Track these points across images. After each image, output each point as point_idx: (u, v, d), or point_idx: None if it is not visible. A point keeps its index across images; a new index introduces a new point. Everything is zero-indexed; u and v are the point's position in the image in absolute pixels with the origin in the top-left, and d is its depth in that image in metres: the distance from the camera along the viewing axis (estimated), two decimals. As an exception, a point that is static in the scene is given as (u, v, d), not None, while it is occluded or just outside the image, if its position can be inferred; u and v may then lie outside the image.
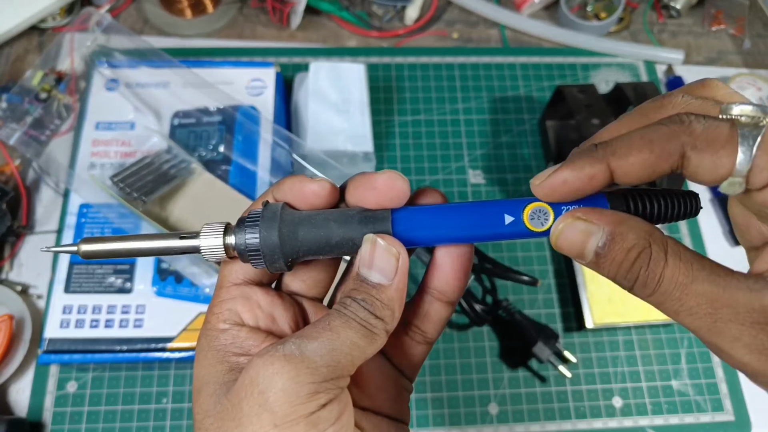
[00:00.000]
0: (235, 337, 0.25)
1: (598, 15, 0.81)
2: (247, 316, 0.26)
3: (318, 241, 0.24)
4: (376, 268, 0.24)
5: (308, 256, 0.25)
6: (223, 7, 0.80)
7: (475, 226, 0.25)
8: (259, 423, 0.21)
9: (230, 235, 0.24)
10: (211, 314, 0.26)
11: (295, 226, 0.24)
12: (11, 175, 0.65)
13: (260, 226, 0.24)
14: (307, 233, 0.24)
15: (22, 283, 0.62)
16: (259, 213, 0.24)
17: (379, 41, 0.79)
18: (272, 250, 0.24)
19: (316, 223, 0.24)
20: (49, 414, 0.56)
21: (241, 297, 0.26)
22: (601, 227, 0.23)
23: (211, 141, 0.62)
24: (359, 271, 0.24)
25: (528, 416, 0.59)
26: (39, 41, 0.76)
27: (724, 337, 0.21)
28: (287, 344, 0.22)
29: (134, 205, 0.57)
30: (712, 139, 0.22)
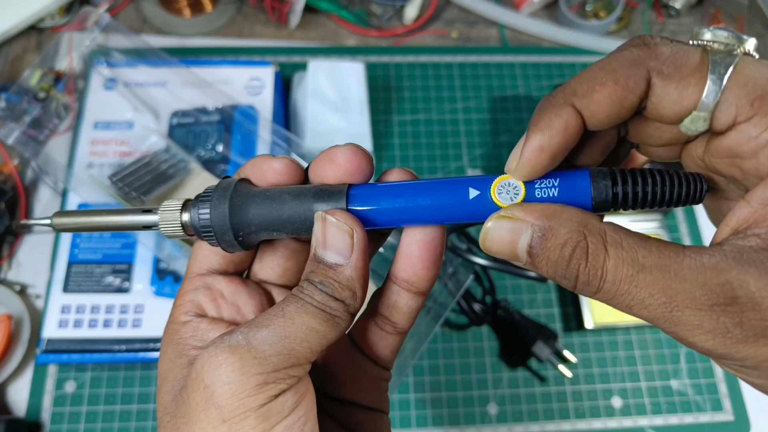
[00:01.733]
0: (196, 329, 0.24)
1: (598, 14, 0.81)
2: (209, 307, 0.25)
3: (269, 215, 0.23)
4: (330, 248, 0.22)
5: (261, 232, 0.23)
6: (221, 6, 0.80)
7: (436, 202, 0.22)
8: (207, 419, 0.20)
9: (186, 211, 0.23)
10: (174, 307, 0.25)
11: (246, 199, 0.23)
12: (10, 175, 0.65)
13: (212, 199, 0.23)
14: (258, 206, 0.23)
15: (21, 283, 0.62)
16: (211, 187, 0.24)
17: (378, 40, 0.79)
18: (222, 224, 0.23)
19: (269, 196, 0.23)
20: (47, 414, 0.56)
21: (203, 287, 0.25)
22: (529, 224, 0.20)
23: (210, 140, 0.62)
24: (315, 252, 0.22)
25: (527, 416, 0.59)
26: (38, 41, 0.76)
27: (683, 325, 0.19)
28: (234, 334, 0.21)
29: (133, 204, 0.57)
30: (680, 64, 0.20)
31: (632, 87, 0.20)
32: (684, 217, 0.69)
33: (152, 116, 0.64)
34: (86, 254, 0.58)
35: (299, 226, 0.23)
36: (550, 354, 0.58)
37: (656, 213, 0.64)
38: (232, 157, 0.62)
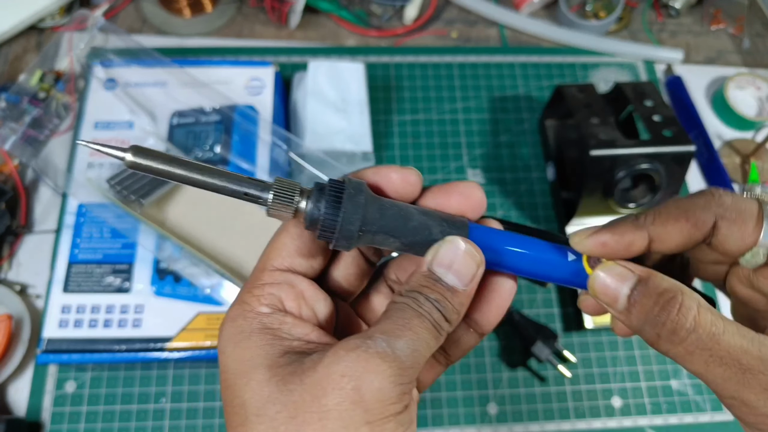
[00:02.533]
0: (282, 323, 0.24)
1: (598, 14, 0.81)
2: (291, 305, 0.24)
3: (395, 222, 0.24)
4: (454, 271, 0.23)
5: (378, 236, 0.24)
6: (221, 6, 0.80)
7: (540, 256, 0.26)
8: (351, 418, 0.20)
9: (304, 198, 0.23)
10: (249, 295, 0.24)
11: (375, 201, 0.24)
12: (10, 175, 0.65)
13: (345, 194, 0.23)
14: (387, 211, 0.24)
15: (21, 283, 0.62)
16: (340, 183, 0.23)
17: (378, 40, 0.79)
18: (350, 219, 0.23)
19: (397, 206, 0.24)
20: (47, 414, 0.56)
21: (286, 283, 0.25)
22: (636, 274, 0.24)
23: (209, 141, 0.62)
24: (433, 268, 0.23)
25: (527, 416, 0.59)
26: (38, 41, 0.76)
27: (753, 388, 0.21)
28: (376, 341, 0.21)
29: (132, 207, 0.57)
30: (741, 211, 0.24)
31: (700, 225, 0.25)
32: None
33: (149, 118, 0.64)
34: (86, 254, 0.58)
35: (418, 240, 0.24)
36: (550, 354, 0.58)
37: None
38: (232, 158, 0.62)
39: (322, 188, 0.23)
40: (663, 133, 0.59)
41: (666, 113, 0.61)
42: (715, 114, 0.76)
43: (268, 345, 0.23)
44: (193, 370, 0.58)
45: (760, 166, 0.72)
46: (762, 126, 0.75)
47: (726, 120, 0.75)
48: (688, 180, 0.71)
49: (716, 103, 0.76)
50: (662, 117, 0.60)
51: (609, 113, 0.62)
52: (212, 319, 0.55)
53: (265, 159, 0.62)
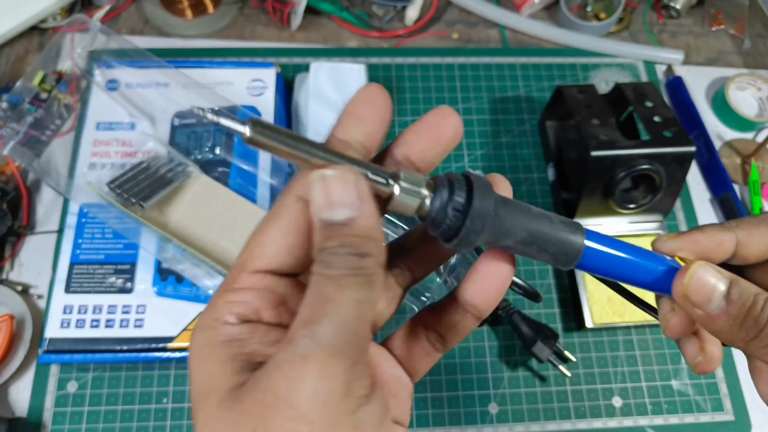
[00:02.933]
0: (253, 332, 0.21)
1: (598, 15, 0.81)
2: (268, 314, 0.22)
3: (521, 209, 0.23)
4: (337, 204, 0.20)
5: (501, 236, 0.22)
6: (223, 7, 0.80)
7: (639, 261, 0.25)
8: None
9: (430, 191, 0.22)
10: (221, 301, 0.21)
11: (502, 200, 0.22)
12: (12, 176, 0.65)
13: (475, 191, 0.21)
14: (512, 209, 0.22)
15: (23, 283, 0.62)
16: (467, 178, 0.22)
17: (379, 42, 0.80)
18: (480, 219, 0.21)
19: (517, 203, 0.23)
20: (49, 414, 0.56)
21: (266, 290, 0.22)
22: (728, 276, 0.24)
23: (211, 143, 0.63)
24: (321, 217, 0.20)
25: (528, 416, 0.59)
26: (39, 41, 0.76)
27: None
28: (298, 342, 0.19)
29: (133, 210, 0.57)
30: None
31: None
32: (683, 217, 0.69)
33: (148, 122, 0.64)
34: (88, 254, 0.58)
35: (539, 241, 0.23)
36: (550, 354, 0.58)
37: (656, 214, 0.65)
38: (234, 160, 0.62)
39: (450, 183, 0.22)
40: (663, 133, 0.59)
41: (666, 114, 0.61)
42: (715, 115, 0.76)
43: (228, 361, 0.20)
44: (195, 371, 0.58)
45: (761, 167, 0.72)
46: (762, 127, 0.75)
47: (726, 121, 0.76)
48: (688, 181, 0.72)
49: (717, 104, 0.76)
50: (663, 118, 0.61)
51: (609, 114, 0.62)
52: (214, 320, 0.55)
53: (267, 160, 0.62)
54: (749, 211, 0.69)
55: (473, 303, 0.25)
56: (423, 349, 0.27)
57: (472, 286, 0.25)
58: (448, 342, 0.27)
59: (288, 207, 0.22)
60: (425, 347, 0.27)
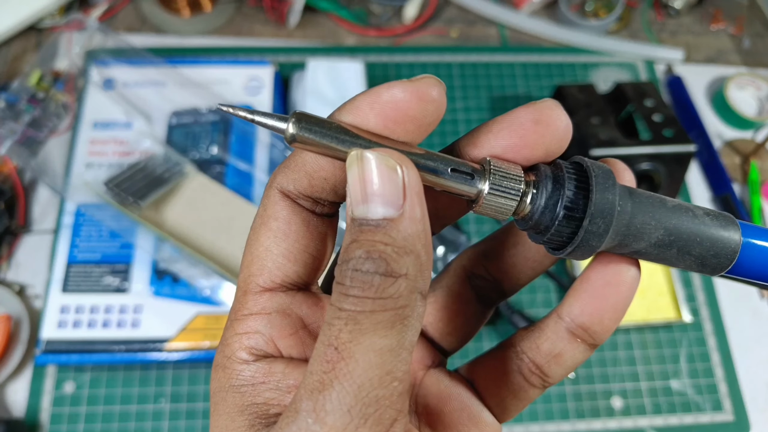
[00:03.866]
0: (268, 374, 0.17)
1: (598, 14, 0.81)
2: (285, 343, 0.18)
3: (653, 200, 0.17)
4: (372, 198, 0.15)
5: (630, 237, 0.17)
6: (220, 5, 0.79)
7: None
8: None
9: (530, 188, 0.17)
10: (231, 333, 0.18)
11: (627, 190, 0.17)
12: (9, 175, 0.65)
13: (596, 183, 0.16)
14: (644, 203, 0.17)
15: (20, 283, 0.61)
16: (580, 166, 0.17)
17: (377, 40, 0.79)
18: (606, 219, 0.16)
19: (646, 192, 0.18)
20: (46, 414, 0.56)
21: (277, 313, 0.18)
22: None
23: (207, 142, 0.62)
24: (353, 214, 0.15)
25: (527, 416, 0.59)
26: (37, 41, 0.76)
27: None
28: (301, 420, 0.14)
29: (129, 209, 0.57)
30: None
31: None
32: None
33: (145, 121, 0.63)
34: (85, 254, 0.58)
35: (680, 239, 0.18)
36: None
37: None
38: (230, 159, 0.62)
39: (555, 174, 0.17)
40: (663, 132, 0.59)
41: (666, 113, 0.61)
42: (715, 114, 0.76)
43: (239, 414, 0.17)
44: (193, 371, 0.58)
45: (760, 166, 0.71)
46: (762, 126, 0.74)
47: (726, 120, 0.75)
48: (688, 180, 0.71)
49: (716, 103, 0.76)
50: (662, 117, 0.60)
51: (609, 113, 0.61)
52: (211, 320, 0.55)
53: (264, 159, 0.62)
54: (749, 210, 0.69)
55: (584, 325, 0.19)
56: (515, 385, 0.21)
57: (582, 302, 0.19)
58: (548, 377, 0.20)
59: (274, 207, 0.18)
60: (518, 383, 0.20)
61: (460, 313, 0.22)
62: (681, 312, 0.62)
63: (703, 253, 0.18)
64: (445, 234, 0.60)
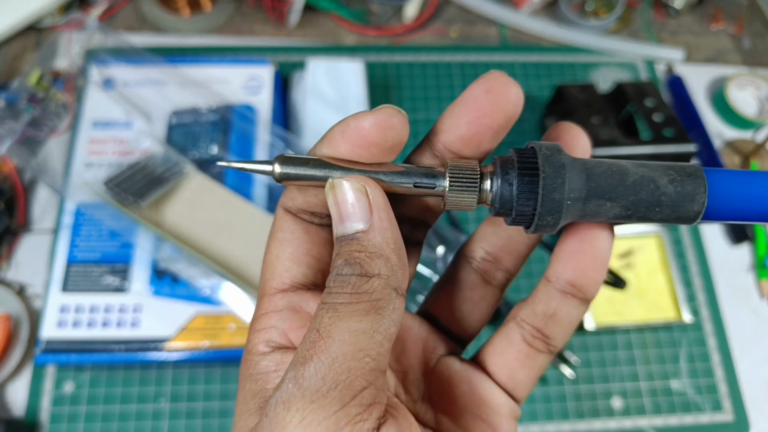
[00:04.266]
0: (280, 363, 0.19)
1: (598, 13, 0.81)
2: (296, 335, 0.20)
3: (610, 180, 0.19)
4: (346, 217, 0.18)
5: (592, 202, 0.19)
6: (220, 5, 0.79)
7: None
8: None
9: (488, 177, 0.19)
10: (252, 331, 0.20)
11: (578, 161, 0.19)
12: (8, 174, 0.65)
13: (540, 158, 0.18)
14: (594, 168, 0.19)
15: (19, 283, 0.61)
16: (529, 149, 0.19)
17: (377, 39, 0.79)
18: (553, 188, 0.18)
19: (603, 161, 0.19)
20: (46, 414, 0.56)
21: (288, 309, 0.20)
22: None
23: (207, 141, 0.62)
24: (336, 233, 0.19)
25: (527, 417, 0.59)
26: (36, 40, 0.76)
27: None
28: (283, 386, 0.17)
29: (129, 209, 0.57)
30: None
31: None
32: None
33: (145, 120, 0.63)
34: (85, 254, 0.58)
35: (642, 199, 0.19)
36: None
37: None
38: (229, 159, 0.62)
39: (507, 160, 0.19)
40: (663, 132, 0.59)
41: (666, 113, 0.61)
42: (715, 114, 0.76)
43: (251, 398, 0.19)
44: (192, 371, 0.58)
45: (760, 166, 0.71)
46: (762, 126, 0.74)
47: (726, 120, 0.75)
48: (688, 180, 0.71)
49: (716, 103, 0.76)
50: (663, 116, 0.60)
51: (609, 113, 0.61)
52: (211, 320, 0.55)
53: (264, 159, 0.62)
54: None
55: (570, 281, 0.21)
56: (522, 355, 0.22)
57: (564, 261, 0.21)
58: (550, 338, 0.22)
59: (280, 221, 0.21)
60: (525, 352, 0.22)
61: (468, 299, 0.24)
62: (681, 312, 0.62)
63: (664, 218, 0.19)
64: (446, 234, 0.60)
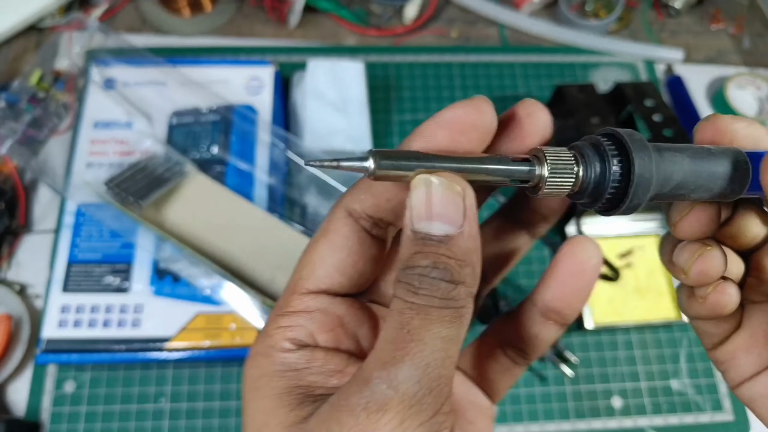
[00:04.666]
0: (311, 360, 0.19)
1: (598, 14, 0.81)
2: (325, 337, 0.20)
3: (687, 173, 0.20)
4: (437, 217, 0.18)
5: (673, 190, 0.20)
6: (221, 5, 0.79)
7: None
8: None
9: (582, 164, 0.19)
10: (275, 327, 0.20)
11: (666, 152, 0.19)
12: (9, 175, 0.65)
13: (629, 143, 0.19)
14: (675, 154, 0.20)
15: (20, 283, 0.61)
16: (613, 134, 0.20)
17: (377, 40, 0.79)
18: (647, 178, 0.19)
19: (675, 145, 0.20)
20: (47, 414, 0.56)
21: (319, 311, 0.20)
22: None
23: (207, 142, 0.62)
24: (414, 227, 0.18)
25: (527, 416, 0.59)
26: (37, 41, 0.76)
27: None
28: (375, 387, 0.17)
29: (130, 209, 0.57)
30: None
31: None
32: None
33: (146, 121, 0.63)
34: (86, 254, 0.58)
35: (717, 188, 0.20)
36: (552, 353, 0.58)
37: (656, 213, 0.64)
38: (230, 159, 0.62)
39: (596, 144, 0.19)
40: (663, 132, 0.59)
41: (666, 113, 0.61)
42: (715, 114, 0.76)
43: (284, 394, 0.19)
44: (193, 370, 0.58)
45: (761, 166, 0.71)
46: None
47: (726, 120, 0.75)
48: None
49: (716, 103, 0.76)
50: (662, 117, 0.60)
51: (609, 113, 0.61)
52: (211, 320, 0.55)
53: (264, 159, 0.62)
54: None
55: (555, 308, 0.22)
56: (501, 366, 0.24)
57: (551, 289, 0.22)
58: (529, 355, 0.24)
59: (337, 223, 0.21)
60: (504, 364, 0.24)
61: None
62: (681, 312, 0.62)
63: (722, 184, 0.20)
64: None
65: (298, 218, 0.62)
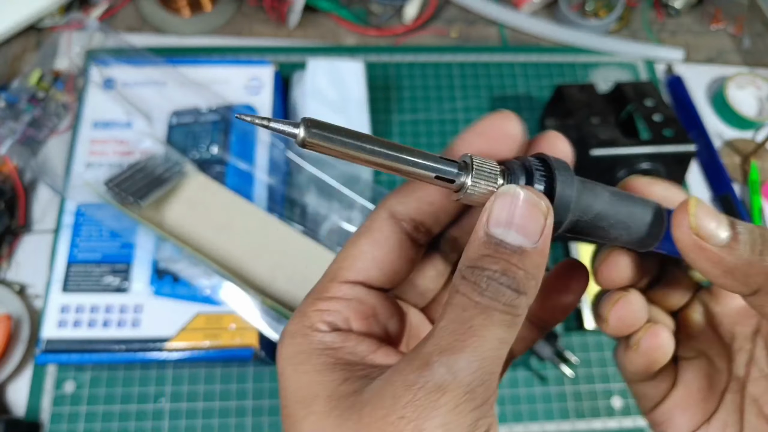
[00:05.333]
0: (345, 341, 0.21)
1: (598, 13, 0.81)
2: (358, 324, 0.22)
3: (606, 204, 0.21)
4: (516, 227, 0.18)
5: (594, 223, 0.21)
6: (221, 5, 0.79)
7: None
8: None
9: (505, 177, 0.20)
10: (312, 309, 0.22)
11: (584, 180, 0.21)
12: (9, 175, 0.65)
13: (555, 170, 0.20)
14: (598, 189, 0.21)
15: (20, 283, 0.61)
16: (543, 158, 0.21)
17: (377, 39, 0.79)
18: (564, 204, 0.20)
19: (599, 184, 0.21)
20: (46, 414, 0.56)
21: (356, 300, 0.22)
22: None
23: (207, 142, 0.62)
24: (490, 230, 0.19)
25: (527, 416, 0.59)
26: (37, 41, 0.76)
27: None
28: (436, 369, 0.18)
29: (130, 209, 0.57)
30: None
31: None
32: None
33: (145, 120, 0.63)
34: (85, 254, 0.58)
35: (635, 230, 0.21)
36: (552, 353, 0.58)
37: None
38: (230, 159, 0.62)
39: (526, 164, 0.20)
40: (663, 132, 0.59)
41: (666, 113, 0.61)
42: (715, 114, 0.76)
43: (327, 370, 0.20)
44: (193, 370, 0.58)
45: (761, 166, 0.71)
46: (762, 126, 0.74)
47: (726, 119, 0.75)
48: (688, 180, 0.71)
49: (716, 103, 0.76)
50: (662, 116, 0.60)
51: (609, 113, 0.61)
52: (211, 320, 0.55)
53: (264, 159, 0.62)
54: (749, 210, 0.69)
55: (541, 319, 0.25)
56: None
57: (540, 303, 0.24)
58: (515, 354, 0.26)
59: (380, 222, 0.22)
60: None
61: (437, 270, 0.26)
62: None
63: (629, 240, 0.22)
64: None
65: (297, 218, 0.62)
